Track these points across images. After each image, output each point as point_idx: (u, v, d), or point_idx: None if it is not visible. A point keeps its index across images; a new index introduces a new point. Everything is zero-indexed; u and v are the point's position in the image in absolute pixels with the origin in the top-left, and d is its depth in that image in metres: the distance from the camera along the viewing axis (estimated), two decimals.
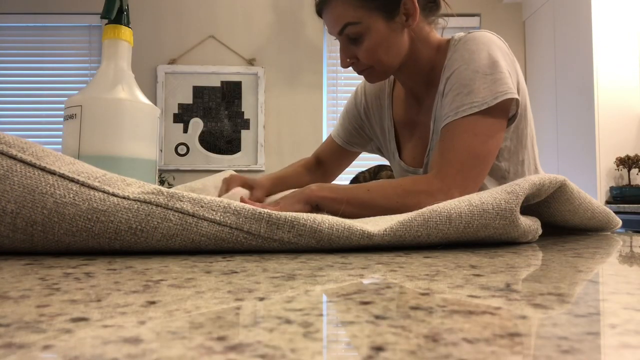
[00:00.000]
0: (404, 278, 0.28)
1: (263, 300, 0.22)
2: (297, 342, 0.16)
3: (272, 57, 3.39)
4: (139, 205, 0.37)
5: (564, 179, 0.51)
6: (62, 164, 0.37)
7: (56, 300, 0.21)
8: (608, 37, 2.65)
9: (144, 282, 0.26)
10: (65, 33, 3.42)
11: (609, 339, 0.16)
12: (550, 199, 0.52)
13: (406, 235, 0.41)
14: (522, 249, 0.43)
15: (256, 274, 0.29)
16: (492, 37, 0.82)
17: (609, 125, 2.63)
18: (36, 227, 0.35)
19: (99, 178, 0.38)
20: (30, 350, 0.15)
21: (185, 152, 3.32)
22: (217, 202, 0.38)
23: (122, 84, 0.59)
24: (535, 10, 3.29)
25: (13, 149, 0.36)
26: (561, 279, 0.27)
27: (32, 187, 0.35)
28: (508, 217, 0.43)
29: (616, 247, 0.47)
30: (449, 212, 0.42)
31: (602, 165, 2.64)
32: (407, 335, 0.16)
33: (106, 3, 0.58)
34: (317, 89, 3.41)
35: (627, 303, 0.22)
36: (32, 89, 3.41)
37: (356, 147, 1.13)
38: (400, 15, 0.83)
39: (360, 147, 1.13)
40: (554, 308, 0.21)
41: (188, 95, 3.34)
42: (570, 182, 0.52)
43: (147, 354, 0.14)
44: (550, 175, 0.50)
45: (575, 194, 0.52)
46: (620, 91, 2.64)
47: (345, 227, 0.40)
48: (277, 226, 0.39)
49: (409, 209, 0.66)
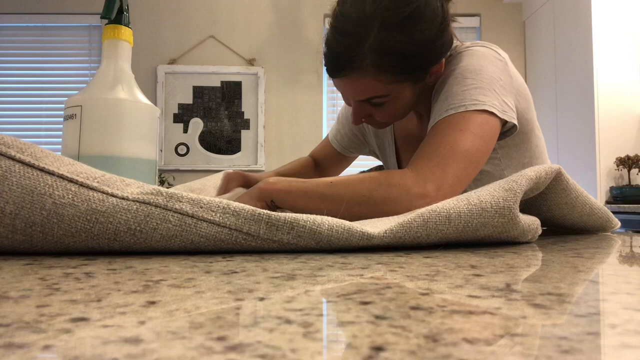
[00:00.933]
0: (404, 278, 0.28)
1: (263, 300, 0.22)
2: (297, 342, 0.16)
3: (272, 57, 3.39)
4: (137, 206, 0.36)
5: (559, 167, 0.51)
6: (61, 165, 0.37)
7: (56, 300, 0.21)
8: (608, 37, 2.65)
9: (144, 282, 0.26)
10: (65, 33, 3.42)
11: (609, 339, 0.16)
12: (547, 191, 0.52)
13: (406, 237, 0.41)
14: (522, 249, 0.43)
15: (256, 274, 0.29)
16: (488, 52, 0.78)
17: (609, 125, 2.63)
18: (35, 228, 0.35)
19: (97, 178, 0.37)
20: (30, 350, 0.15)
21: (185, 152, 3.32)
22: (217, 202, 0.38)
23: (122, 84, 0.59)
24: (535, 10, 3.29)
25: (12, 149, 0.36)
26: (561, 279, 0.27)
27: (30, 188, 0.35)
28: (507, 215, 0.43)
29: (616, 247, 0.47)
30: (448, 212, 0.42)
31: (602, 165, 2.64)
32: (407, 335, 0.16)
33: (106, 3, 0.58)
34: (317, 89, 3.41)
35: (627, 303, 0.22)
36: (32, 89, 3.41)
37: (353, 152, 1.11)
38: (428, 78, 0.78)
39: (357, 152, 1.11)
40: (554, 308, 0.21)
41: (188, 95, 3.34)
42: (565, 172, 0.52)
43: (147, 354, 0.14)
44: (545, 166, 0.50)
45: (572, 185, 0.52)
46: (620, 91, 2.64)
47: (345, 229, 0.40)
48: (277, 227, 0.39)
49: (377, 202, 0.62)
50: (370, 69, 0.72)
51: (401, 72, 0.73)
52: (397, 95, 0.76)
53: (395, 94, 0.76)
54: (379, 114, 0.79)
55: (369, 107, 0.78)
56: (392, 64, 0.72)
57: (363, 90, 0.75)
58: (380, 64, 0.71)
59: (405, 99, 0.78)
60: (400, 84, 0.74)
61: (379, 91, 0.75)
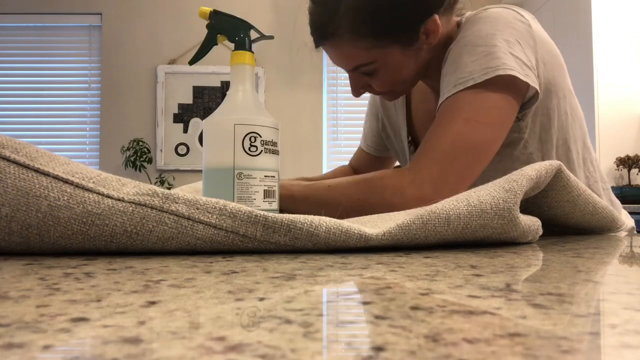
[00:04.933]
0: (404, 278, 0.28)
1: (263, 300, 0.22)
2: (297, 342, 0.16)
3: (272, 57, 3.39)
4: (133, 208, 0.36)
5: (559, 164, 0.49)
6: (57, 165, 0.37)
7: (56, 300, 0.21)
8: (608, 37, 2.65)
9: (144, 282, 0.26)
10: (65, 33, 3.42)
11: (609, 339, 0.16)
12: (548, 188, 0.51)
13: (404, 239, 0.41)
14: (522, 249, 0.43)
15: (256, 274, 0.29)
16: (504, 12, 0.70)
17: (609, 125, 2.63)
18: (31, 231, 0.35)
19: (93, 179, 0.37)
20: (30, 350, 0.15)
21: (185, 152, 3.32)
22: (213, 203, 0.38)
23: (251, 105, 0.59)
24: (535, 10, 3.29)
25: (7, 149, 0.36)
26: (561, 279, 0.27)
27: (26, 190, 0.35)
28: (507, 217, 0.43)
29: (616, 247, 0.47)
30: (448, 214, 0.42)
31: (602, 165, 2.64)
32: (407, 335, 0.16)
33: (197, 53, 0.65)
34: (317, 89, 3.41)
35: (627, 303, 0.22)
36: (32, 89, 3.41)
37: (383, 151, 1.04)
38: (420, 39, 0.71)
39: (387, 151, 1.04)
40: (554, 308, 0.21)
41: (188, 95, 3.34)
42: (565, 169, 0.50)
43: (147, 354, 0.14)
44: (545, 163, 0.48)
45: (573, 182, 0.51)
46: (620, 91, 2.64)
47: (343, 231, 0.39)
48: (274, 230, 0.38)
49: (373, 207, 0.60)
50: (346, 35, 0.70)
51: (380, 35, 0.69)
52: (385, 62, 0.71)
53: (382, 60, 0.71)
54: (375, 83, 0.75)
55: (364, 77, 0.75)
56: (368, 27, 0.69)
57: (346, 59, 0.73)
58: (356, 28, 0.69)
59: (398, 65, 0.72)
60: (383, 48, 0.70)
61: (361, 58, 0.71)
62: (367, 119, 1.06)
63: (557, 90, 0.71)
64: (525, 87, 0.66)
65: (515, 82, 0.64)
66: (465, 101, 0.63)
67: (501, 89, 0.63)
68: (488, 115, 0.63)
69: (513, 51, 0.65)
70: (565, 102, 0.73)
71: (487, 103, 0.63)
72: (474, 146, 0.62)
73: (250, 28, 0.62)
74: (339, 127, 3.46)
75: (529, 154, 0.74)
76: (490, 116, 0.63)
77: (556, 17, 3.03)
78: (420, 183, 0.61)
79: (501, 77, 0.63)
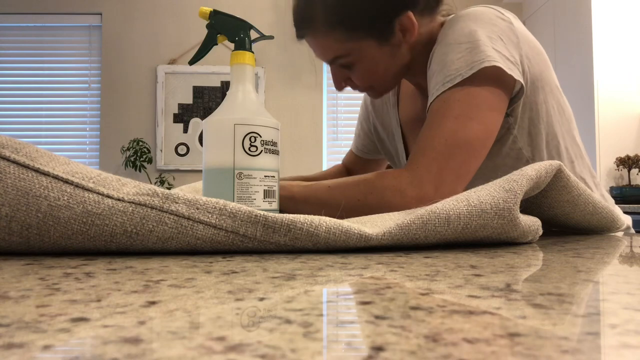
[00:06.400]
0: (404, 278, 0.28)
1: (263, 300, 0.22)
2: (297, 342, 0.16)
3: (272, 57, 3.39)
4: (133, 208, 0.36)
5: (559, 164, 0.49)
6: (57, 165, 0.37)
7: (56, 300, 0.21)
8: (608, 37, 2.65)
9: (144, 282, 0.26)
10: (65, 33, 3.42)
11: (609, 339, 0.16)
12: (548, 188, 0.51)
13: (404, 239, 0.41)
14: (522, 249, 0.43)
15: (256, 274, 0.29)
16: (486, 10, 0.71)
17: (609, 125, 2.63)
18: (31, 231, 0.35)
19: (93, 179, 0.37)
20: (30, 350, 0.15)
21: (185, 152, 3.32)
22: (213, 203, 0.38)
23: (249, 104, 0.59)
24: (535, 10, 3.29)
25: (7, 149, 0.36)
26: (561, 279, 0.27)
27: (26, 190, 0.35)
28: (507, 217, 0.43)
29: (616, 247, 0.47)
30: (448, 214, 0.42)
31: (602, 165, 2.64)
32: (407, 335, 0.16)
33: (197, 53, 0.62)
34: (317, 89, 3.41)
35: (627, 303, 0.22)
36: (32, 89, 3.41)
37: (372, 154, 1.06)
38: (395, 35, 0.73)
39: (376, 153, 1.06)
40: (554, 308, 0.21)
41: (188, 95, 3.34)
42: (565, 169, 0.50)
43: (147, 354, 0.14)
44: (545, 163, 0.48)
45: (573, 182, 0.51)
46: (620, 91, 2.64)
47: (343, 231, 0.39)
48: (274, 230, 0.38)
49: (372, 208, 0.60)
50: (321, 27, 0.73)
51: (353, 28, 0.72)
52: (360, 55, 0.74)
53: (357, 54, 0.74)
54: (354, 77, 0.78)
55: (343, 70, 0.78)
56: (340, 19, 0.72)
57: (323, 51, 0.76)
58: (329, 21, 0.72)
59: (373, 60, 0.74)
60: (357, 41, 0.73)
61: (336, 50, 0.74)
62: (358, 122, 1.08)
63: (543, 85, 0.72)
64: (512, 81, 0.67)
65: (501, 75, 0.65)
66: (455, 99, 0.64)
67: (489, 83, 0.64)
68: (479, 110, 0.63)
69: (495, 47, 0.66)
70: (552, 96, 0.74)
71: (477, 99, 0.63)
72: (468, 143, 0.62)
73: (250, 28, 0.62)
74: (339, 127, 3.46)
75: (519, 150, 0.75)
76: (481, 112, 0.63)
77: (556, 17, 3.03)
78: (419, 183, 0.61)
79: (487, 69, 0.63)
